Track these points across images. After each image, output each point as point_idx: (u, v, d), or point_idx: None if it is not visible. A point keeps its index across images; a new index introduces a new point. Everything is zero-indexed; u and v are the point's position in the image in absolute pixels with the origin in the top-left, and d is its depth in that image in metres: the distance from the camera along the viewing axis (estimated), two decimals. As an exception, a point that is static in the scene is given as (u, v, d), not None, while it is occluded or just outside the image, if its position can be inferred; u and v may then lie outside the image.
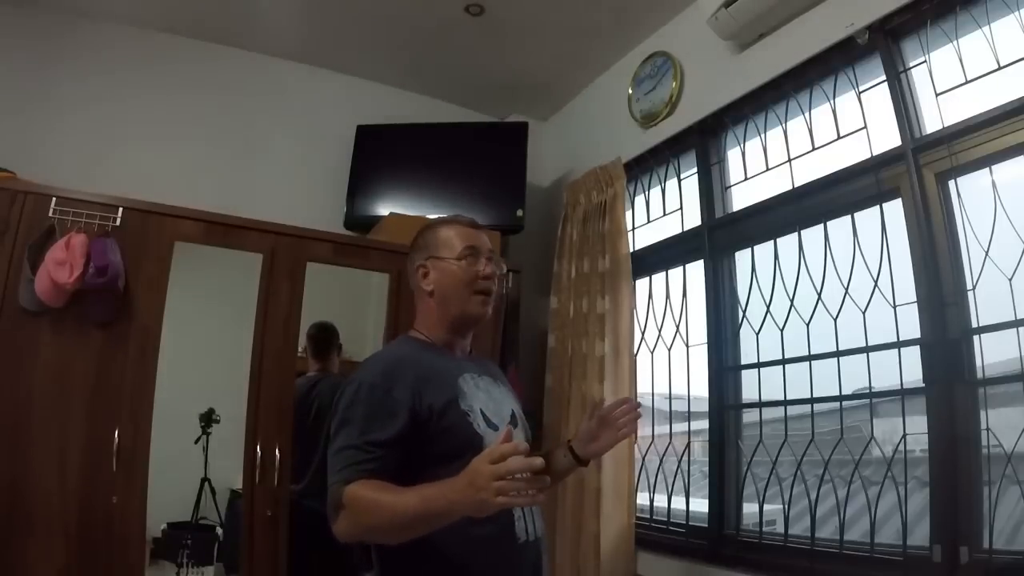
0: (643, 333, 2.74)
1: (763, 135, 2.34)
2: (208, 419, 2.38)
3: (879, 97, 1.98)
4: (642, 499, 2.58)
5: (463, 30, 2.86)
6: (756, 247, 2.31)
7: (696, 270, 2.53)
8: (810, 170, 2.16)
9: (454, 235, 1.41)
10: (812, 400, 2.04)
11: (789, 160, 2.24)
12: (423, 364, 1.30)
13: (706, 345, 2.42)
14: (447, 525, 1.08)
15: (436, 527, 1.09)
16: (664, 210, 2.78)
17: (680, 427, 2.53)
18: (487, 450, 1.02)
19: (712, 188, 2.53)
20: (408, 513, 1.08)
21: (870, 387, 1.89)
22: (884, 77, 1.95)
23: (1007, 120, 1.62)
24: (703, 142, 2.58)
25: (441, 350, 1.38)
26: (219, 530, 2.38)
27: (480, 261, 1.38)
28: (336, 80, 3.24)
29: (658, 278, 2.76)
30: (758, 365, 2.25)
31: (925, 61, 1.86)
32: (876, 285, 1.90)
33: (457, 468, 1.10)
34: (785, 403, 2.11)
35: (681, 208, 2.69)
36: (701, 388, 2.43)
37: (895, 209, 1.89)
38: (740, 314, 2.34)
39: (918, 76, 1.89)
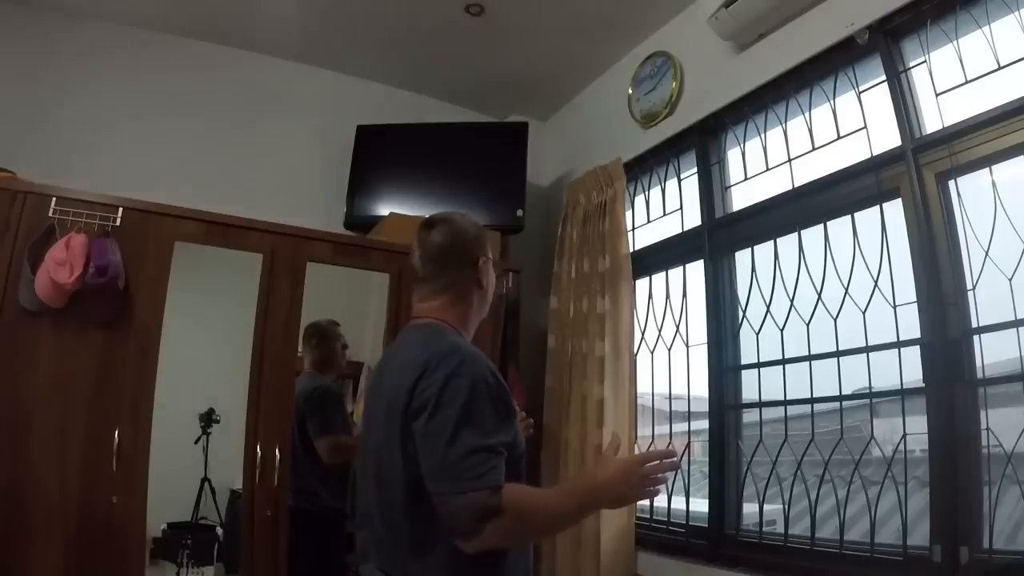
0: (643, 333, 2.74)
1: (763, 135, 2.34)
2: (208, 419, 2.39)
3: (879, 97, 1.98)
4: (642, 499, 2.58)
5: (463, 30, 2.86)
6: (756, 247, 2.31)
7: (696, 270, 2.53)
8: (810, 170, 2.16)
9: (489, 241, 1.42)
10: (812, 400, 2.04)
11: (789, 160, 2.24)
12: None
13: (706, 345, 2.42)
14: None
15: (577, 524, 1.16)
16: (664, 210, 2.78)
17: (680, 427, 2.52)
18: (642, 454, 1.22)
19: (712, 188, 2.53)
20: (571, 511, 1.19)
21: (870, 387, 1.89)
22: (884, 77, 1.95)
23: (1007, 120, 1.62)
24: (703, 142, 2.57)
25: None
26: (219, 530, 2.38)
27: None
28: (336, 80, 3.24)
29: (658, 278, 2.76)
30: (758, 365, 2.25)
31: (925, 61, 1.86)
32: (876, 285, 1.90)
33: (516, 474, 1.18)
34: (785, 403, 2.11)
35: (681, 208, 2.68)
36: (701, 388, 2.43)
37: (895, 209, 1.89)
38: (740, 314, 2.34)
39: (918, 76, 1.89)
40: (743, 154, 2.43)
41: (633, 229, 2.86)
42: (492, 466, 1.08)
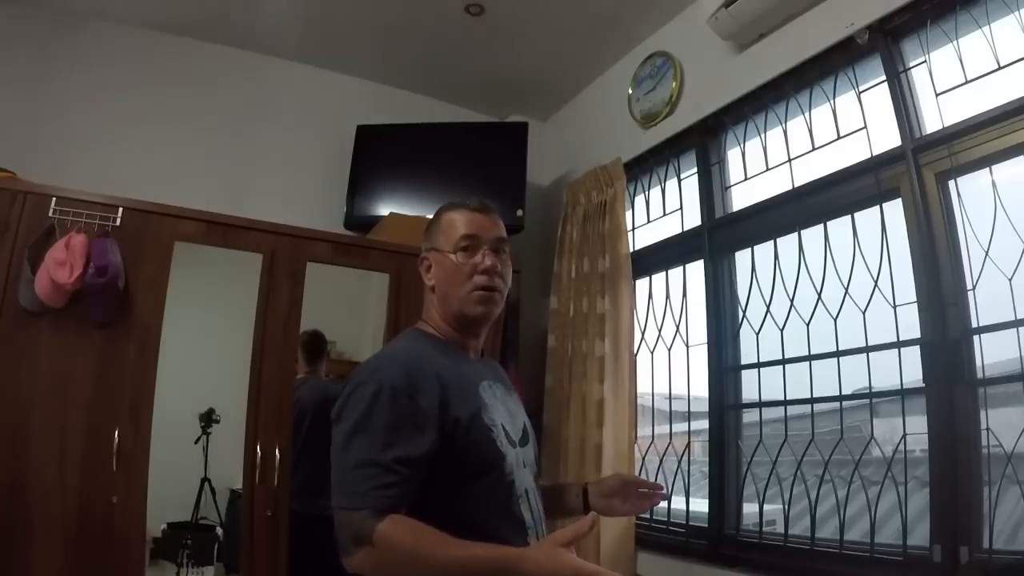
0: (643, 333, 2.74)
1: (763, 135, 2.34)
2: (208, 419, 2.39)
3: (879, 97, 1.98)
4: (642, 499, 2.58)
5: (463, 30, 2.86)
6: (756, 247, 2.31)
7: (696, 270, 2.53)
8: (810, 170, 2.16)
9: (455, 222, 1.24)
10: (812, 400, 2.04)
11: (789, 160, 2.24)
12: (445, 367, 1.15)
13: (706, 345, 2.42)
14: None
15: None
16: (664, 210, 2.77)
17: (680, 427, 2.52)
18: (592, 568, 0.95)
19: (712, 188, 2.53)
20: (458, 571, 0.98)
21: (870, 387, 1.89)
22: (884, 77, 1.95)
23: (1007, 120, 1.62)
24: (703, 142, 2.57)
25: (456, 350, 1.25)
26: (219, 530, 2.38)
27: (479, 252, 1.21)
28: (336, 80, 3.24)
29: (658, 278, 2.76)
30: (758, 365, 2.25)
31: (925, 61, 1.86)
32: (876, 285, 1.90)
33: (478, 490, 1.10)
34: (785, 403, 2.11)
35: (681, 208, 2.68)
36: (701, 388, 2.43)
37: (895, 209, 1.89)
38: (740, 314, 2.34)
39: (918, 76, 1.89)
40: (743, 154, 2.43)
41: (633, 229, 2.86)
42: (380, 484, 1.00)
